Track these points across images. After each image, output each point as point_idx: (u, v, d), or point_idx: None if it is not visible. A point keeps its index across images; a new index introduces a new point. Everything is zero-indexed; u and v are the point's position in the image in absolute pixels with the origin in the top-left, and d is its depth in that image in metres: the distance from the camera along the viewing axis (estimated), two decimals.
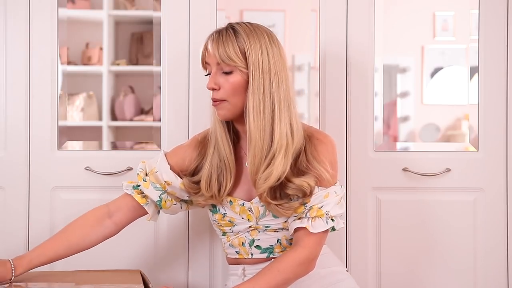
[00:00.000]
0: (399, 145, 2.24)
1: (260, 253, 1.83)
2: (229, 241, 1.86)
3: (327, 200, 1.74)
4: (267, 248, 1.83)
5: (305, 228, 1.72)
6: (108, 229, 1.85)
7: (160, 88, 2.20)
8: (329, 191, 1.74)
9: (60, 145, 2.20)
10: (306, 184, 1.72)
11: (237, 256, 1.86)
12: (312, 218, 1.73)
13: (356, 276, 1.99)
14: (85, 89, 2.26)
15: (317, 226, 1.73)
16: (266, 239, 1.82)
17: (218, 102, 1.74)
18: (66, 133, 2.21)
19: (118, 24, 2.28)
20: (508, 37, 2.20)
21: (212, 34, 1.77)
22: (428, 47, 2.26)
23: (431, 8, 2.24)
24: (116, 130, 2.28)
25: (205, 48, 1.77)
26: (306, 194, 1.72)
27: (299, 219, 1.74)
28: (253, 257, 1.84)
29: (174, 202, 1.87)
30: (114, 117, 2.26)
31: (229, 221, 1.83)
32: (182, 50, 2.19)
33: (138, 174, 1.86)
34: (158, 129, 2.21)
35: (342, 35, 2.19)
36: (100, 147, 2.24)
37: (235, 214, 1.82)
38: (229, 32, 1.74)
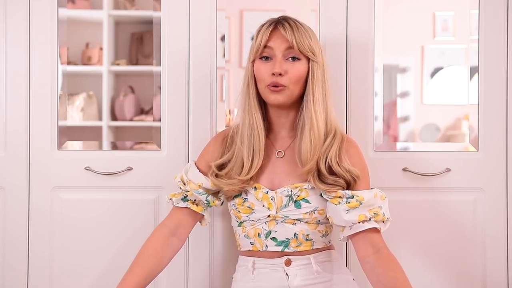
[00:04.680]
0: (399, 145, 2.24)
1: (275, 245, 1.86)
2: (245, 232, 1.89)
3: (381, 202, 1.85)
4: (283, 241, 1.86)
5: (375, 228, 1.82)
6: (175, 246, 1.95)
7: (160, 88, 2.21)
8: (375, 192, 1.85)
9: (60, 145, 2.20)
10: (355, 172, 1.84)
11: (251, 248, 1.89)
12: (377, 222, 1.83)
13: (356, 276, 1.99)
14: (85, 89, 2.26)
15: (382, 226, 1.85)
16: (283, 232, 1.86)
17: (281, 88, 1.83)
18: (66, 133, 2.20)
19: (118, 24, 2.28)
20: (508, 37, 2.20)
21: (276, 23, 1.85)
22: (428, 47, 2.26)
23: (431, 8, 2.24)
24: (116, 130, 2.28)
25: (268, 34, 1.84)
26: (350, 182, 1.84)
27: (362, 222, 1.82)
28: (267, 249, 1.87)
29: (218, 200, 1.96)
30: (114, 117, 2.26)
31: (249, 207, 1.87)
32: (182, 50, 2.19)
33: (179, 187, 1.94)
34: (158, 129, 2.21)
35: (342, 35, 2.19)
36: (100, 147, 2.24)
37: (256, 200, 1.86)
38: (297, 23, 1.85)
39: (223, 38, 2.21)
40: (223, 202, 1.98)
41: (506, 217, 2.21)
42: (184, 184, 1.92)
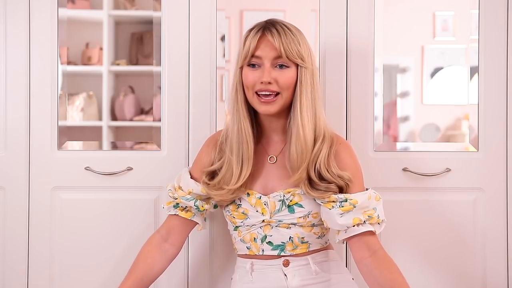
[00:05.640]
0: (399, 145, 2.24)
1: (272, 249, 1.86)
2: (241, 236, 1.89)
3: (376, 204, 1.83)
4: (279, 245, 1.86)
5: (370, 231, 1.81)
6: (168, 252, 1.95)
7: (160, 88, 2.21)
8: (369, 193, 1.83)
9: (60, 145, 2.20)
10: (347, 176, 1.81)
11: (247, 252, 1.90)
12: (372, 224, 1.82)
13: (355, 277, 1.99)
14: (85, 89, 2.26)
15: (377, 227, 1.84)
16: (278, 236, 1.86)
17: (273, 97, 1.80)
18: (66, 133, 2.21)
19: (118, 24, 2.28)
20: (508, 37, 2.20)
21: (263, 29, 1.81)
22: (428, 47, 2.26)
23: (431, 8, 2.24)
24: (116, 130, 2.28)
25: (256, 41, 1.80)
26: (343, 186, 1.82)
27: (357, 225, 1.80)
28: (264, 253, 1.87)
29: (209, 204, 1.95)
30: (114, 117, 2.26)
31: (243, 212, 1.87)
32: (182, 50, 2.19)
33: (169, 195, 1.95)
34: (158, 129, 2.21)
35: (342, 35, 2.19)
36: (100, 147, 2.24)
37: (250, 206, 1.86)
38: (285, 28, 1.80)
39: (223, 38, 2.21)
40: (217, 206, 1.97)
41: (506, 217, 2.21)
42: (174, 192, 1.94)
